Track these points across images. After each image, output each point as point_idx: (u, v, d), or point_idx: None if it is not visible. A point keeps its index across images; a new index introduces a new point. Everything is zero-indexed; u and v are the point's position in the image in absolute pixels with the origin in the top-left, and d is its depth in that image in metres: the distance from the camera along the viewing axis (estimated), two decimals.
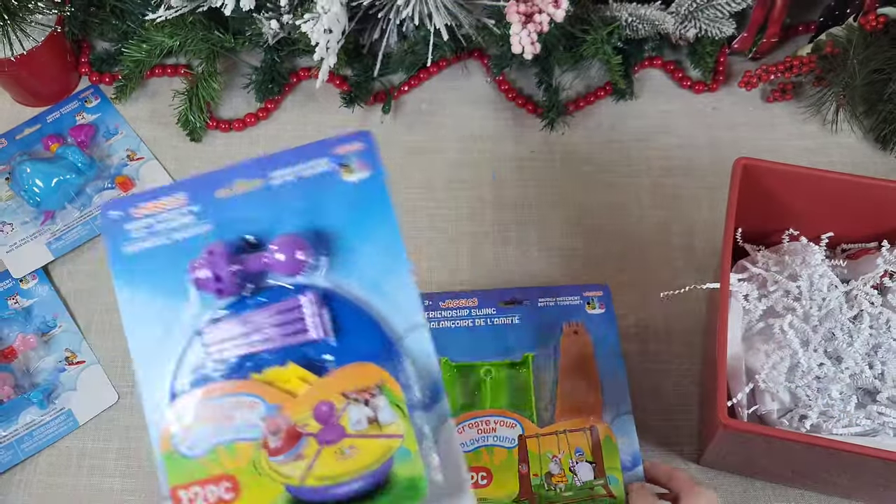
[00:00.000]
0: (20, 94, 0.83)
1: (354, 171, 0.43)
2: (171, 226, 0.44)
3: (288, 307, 0.42)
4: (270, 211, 0.43)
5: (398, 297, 0.42)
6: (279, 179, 0.43)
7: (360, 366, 0.42)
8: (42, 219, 0.77)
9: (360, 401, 0.41)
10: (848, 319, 0.61)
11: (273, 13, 0.78)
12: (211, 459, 0.41)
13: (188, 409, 0.42)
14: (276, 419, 0.41)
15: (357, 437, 0.41)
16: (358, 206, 0.43)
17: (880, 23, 0.77)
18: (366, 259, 0.42)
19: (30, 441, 0.68)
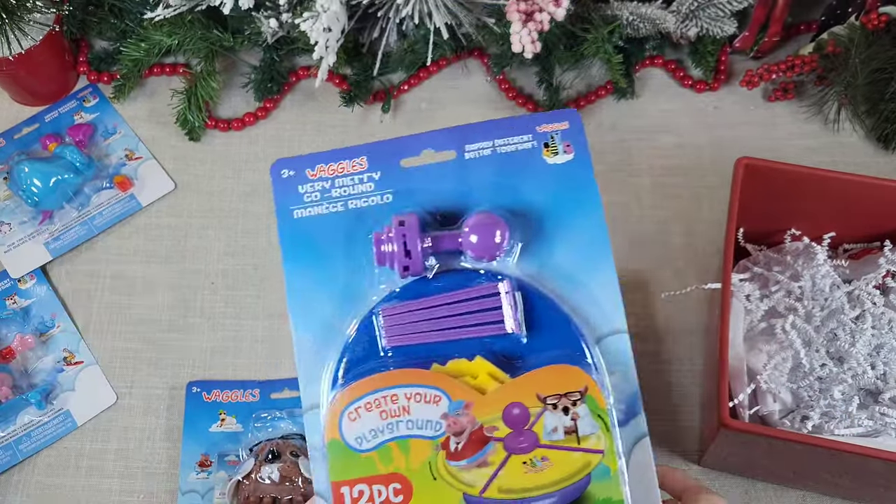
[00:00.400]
0: (18, 93, 0.83)
1: (558, 151, 0.39)
2: (348, 192, 0.40)
3: (482, 293, 0.38)
4: (462, 186, 0.39)
5: (599, 296, 0.38)
6: (474, 153, 0.39)
7: (563, 369, 0.37)
8: (40, 218, 0.76)
9: (559, 407, 0.37)
10: (850, 320, 0.61)
11: (272, 12, 0.78)
12: (382, 456, 0.37)
13: (359, 398, 0.37)
14: (460, 418, 0.37)
15: (551, 447, 0.37)
16: (560, 191, 0.39)
17: (882, 22, 0.77)
18: (565, 250, 0.38)
19: (28, 442, 0.68)
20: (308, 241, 0.40)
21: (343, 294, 0.39)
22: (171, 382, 0.70)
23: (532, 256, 0.39)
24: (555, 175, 0.39)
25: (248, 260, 0.76)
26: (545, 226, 0.39)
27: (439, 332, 0.38)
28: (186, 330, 0.73)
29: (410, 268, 0.38)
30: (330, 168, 0.40)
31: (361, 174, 0.40)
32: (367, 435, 0.37)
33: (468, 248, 0.38)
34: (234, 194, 0.79)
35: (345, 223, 0.40)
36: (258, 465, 0.63)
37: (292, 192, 0.40)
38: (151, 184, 0.79)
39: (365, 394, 0.37)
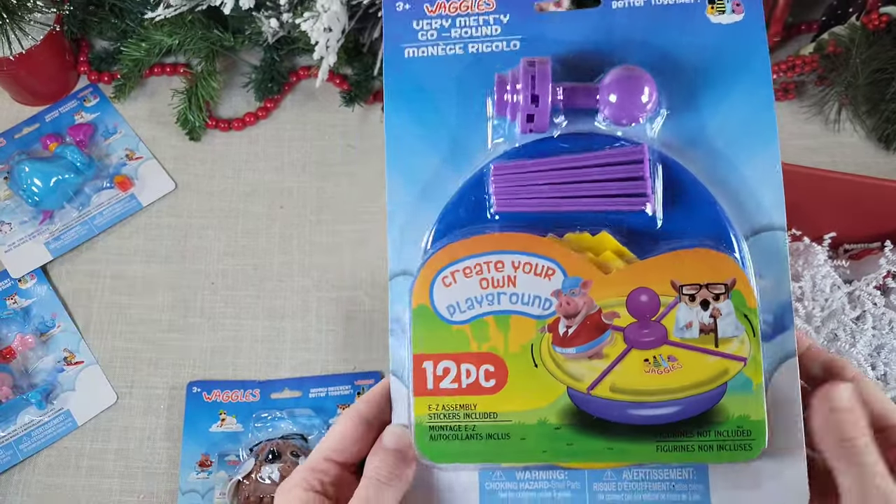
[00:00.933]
0: (19, 93, 0.82)
1: (726, 10, 0.33)
2: (470, 34, 0.34)
3: (618, 159, 0.32)
4: (605, 40, 0.34)
5: (754, 182, 0.33)
6: (624, 2, 0.34)
7: (707, 254, 0.31)
8: (41, 218, 0.76)
9: (698, 300, 0.31)
10: (851, 320, 0.61)
11: (273, 12, 0.78)
12: (476, 331, 0.32)
13: (458, 260, 0.32)
14: (575, 298, 0.31)
15: (682, 346, 0.31)
16: (722, 56, 0.33)
17: (883, 22, 0.77)
18: (720, 124, 0.33)
19: (28, 441, 0.68)
20: (417, 83, 0.34)
21: (452, 148, 0.34)
22: (172, 382, 0.70)
23: (679, 127, 0.33)
24: (718, 36, 0.33)
25: (249, 260, 0.76)
26: (698, 93, 0.33)
27: (560, 199, 0.32)
28: (186, 330, 0.73)
29: (536, 119, 0.32)
30: (452, 5, 0.35)
31: (488, 15, 0.34)
32: (463, 304, 0.32)
33: (606, 107, 0.32)
34: (235, 194, 0.79)
35: (462, 68, 0.34)
36: (258, 465, 0.63)
37: (406, 27, 0.34)
38: (152, 184, 0.79)
39: (466, 256, 0.32)
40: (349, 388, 0.69)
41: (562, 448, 0.31)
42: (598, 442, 0.31)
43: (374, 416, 0.34)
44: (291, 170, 0.80)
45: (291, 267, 0.75)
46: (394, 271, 0.34)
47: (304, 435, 0.67)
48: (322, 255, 0.76)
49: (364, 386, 0.69)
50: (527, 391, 0.31)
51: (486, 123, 0.34)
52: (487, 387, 0.32)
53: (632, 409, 0.31)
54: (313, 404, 0.68)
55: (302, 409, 0.68)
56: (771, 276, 0.32)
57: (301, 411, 0.68)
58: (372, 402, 0.34)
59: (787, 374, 0.32)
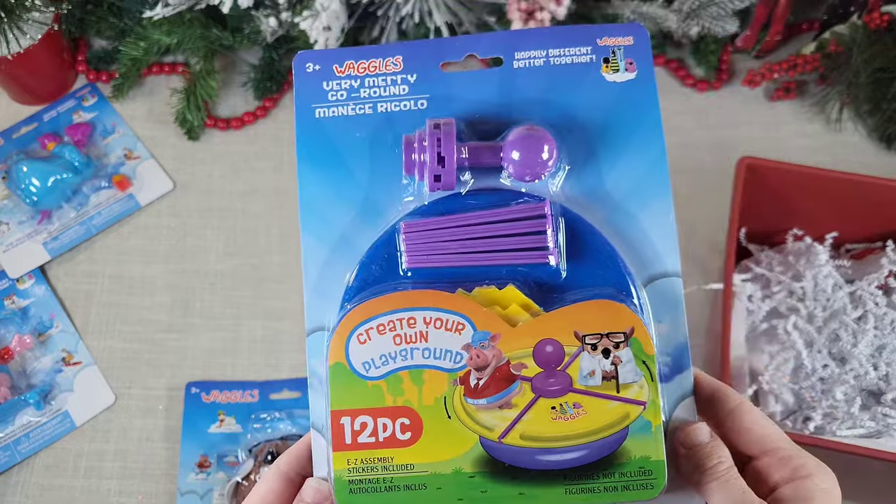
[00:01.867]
0: (17, 92, 0.82)
1: (620, 68, 0.35)
2: (379, 93, 0.35)
3: (522, 214, 0.33)
4: (507, 98, 0.35)
5: (651, 231, 0.34)
6: (524, 62, 0.35)
7: (607, 305, 0.32)
8: (39, 218, 0.76)
9: (599, 348, 0.32)
10: (852, 320, 0.60)
11: (271, 10, 0.78)
12: (391, 386, 0.33)
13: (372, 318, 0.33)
14: (485, 350, 0.32)
15: (586, 393, 0.32)
16: (617, 112, 0.34)
17: (884, 21, 0.77)
18: (617, 176, 0.34)
19: (26, 442, 0.68)
20: (328, 143, 0.35)
21: (363, 205, 0.35)
22: (170, 383, 0.70)
23: (578, 180, 0.34)
24: (613, 93, 0.35)
25: (248, 260, 0.75)
26: (596, 148, 0.34)
27: (468, 254, 0.34)
28: (185, 330, 0.72)
29: (443, 178, 0.33)
30: (360, 66, 0.35)
31: (395, 75, 0.35)
32: (378, 360, 0.33)
33: (509, 164, 0.34)
34: (234, 194, 0.79)
35: (372, 127, 0.35)
36: (257, 466, 0.63)
37: (316, 88, 0.35)
38: (150, 183, 0.78)
39: (379, 314, 0.33)
40: None
41: (476, 495, 0.32)
42: (511, 488, 0.32)
43: (296, 471, 0.34)
44: (290, 169, 0.80)
45: (290, 267, 0.75)
46: (310, 328, 0.34)
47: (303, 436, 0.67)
48: None
49: None
50: (441, 442, 0.33)
51: (398, 181, 0.35)
52: (403, 439, 0.33)
53: (541, 454, 0.32)
54: None
55: (301, 409, 0.68)
56: (668, 321, 0.34)
57: (300, 412, 0.68)
58: (293, 457, 0.35)
59: (685, 412, 0.34)
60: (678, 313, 0.34)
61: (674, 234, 0.34)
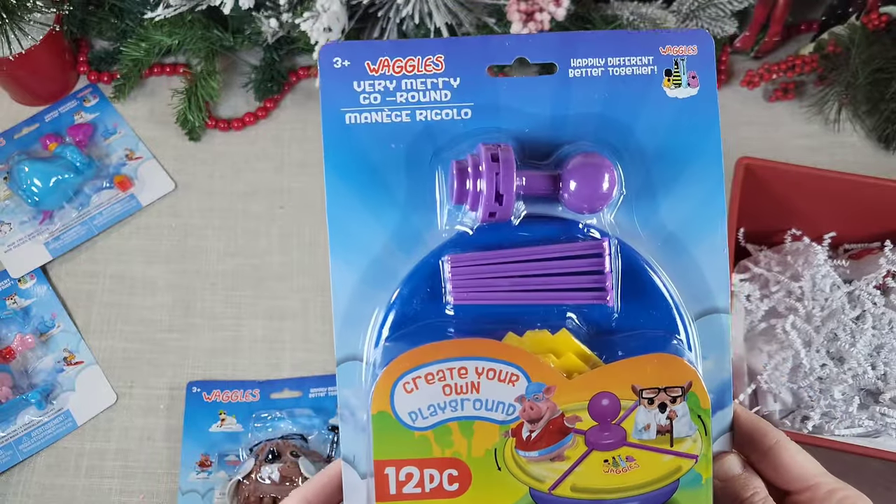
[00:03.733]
0: (18, 93, 0.82)
1: (682, 83, 0.32)
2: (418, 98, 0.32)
3: (583, 252, 0.31)
4: (560, 111, 0.32)
5: (704, 266, 0.33)
6: (580, 71, 0.32)
7: (666, 358, 0.31)
8: (40, 218, 0.76)
9: (656, 403, 0.31)
10: (850, 320, 0.61)
11: (272, 12, 0.78)
12: (439, 437, 0.31)
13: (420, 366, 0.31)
14: (539, 403, 0.31)
15: (640, 447, 0.31)
16: (677, 134, 0.32)
17: (882, 22, 0.77)
18: (672, 206, 0.32)
19: (28, 442, 0.68)
20: (361, 154, 0.32)
21: (399, 228, 0.31)
22: (171, 382, 0.70)
23: (631, 209, 0.32)
24: (674, 111, 0.32)
25: (249, 260, 0.76)
26: (653, 174, 0.32)
27: (519, 293, 0.31)
28: (186, 330, 0.73)
29: (498, 214, 0.31)
30: (397, 64, 0.32)
31: (436, 77, 0.32)
32: (425, 411, 0.31)
33: (567, 194, 0.31)
34: (235, 194, 0.79)
35: (409, 138, 0.32)
36: (258, 465, 0.63)
37: (346, 88, 0.32)
38: (151, 184, 0.79)
39: (428, 362, 0.31)
40: None
41: None
42: None
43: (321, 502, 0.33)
44: (291, 170, 0.80)
45: (291, 267, 0.75)
46: (340, 357, 0.33)
47: (303, 435, 0.67)
48: (322, 254, 0.76)
49: None
50: (490, 493, 0.31)
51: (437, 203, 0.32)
52: (451, 490, 0.31)
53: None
54: (313, 404, 0.68)
55: (302, 409, 0.68)
56: (714, 357, 0.33)
57: (301, 411, 0.68)
58: (319, 487, 0.33)
59: (722, 445, 0.33)
60: (724, 351, 0.33)
61: (726, 268, 0.32)
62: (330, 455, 0.67)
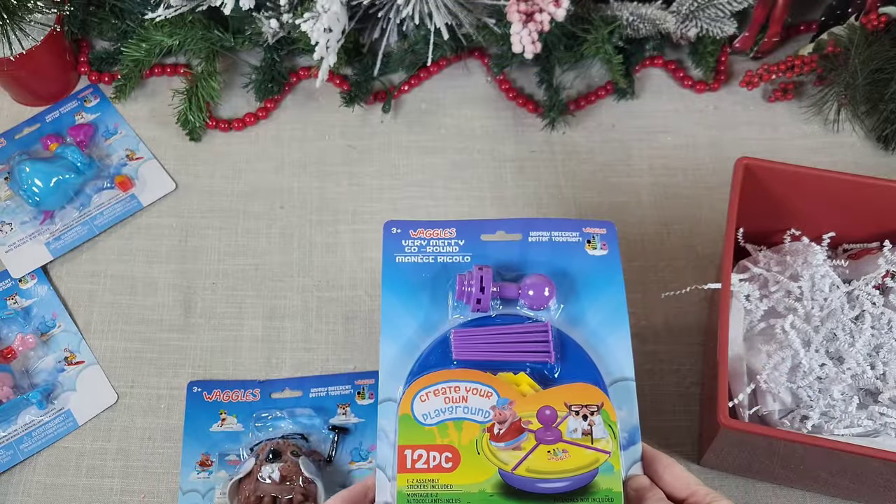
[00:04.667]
0: (19, 93, 0.83)
1: (597, 247, 0.53)
2: (438, 249, 0.53)
3: (536, 329, 0.50)
4: (524, 259, 0.53)
5: (615, 349, 0.49)
6: (535, 238, 0.53)
7: (586, 386, 0.48)
8: (41, 218, 0.77)
9: (580, 414, 0.47)
10: (850, 320, 0.61)
11: (273, 12, 0.78)
12: (440, 430, 0.47)
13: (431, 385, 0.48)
14: (505, 411, 0.48)
15: (571, 443, 0.47)
16: (595, 274, 0.51)
17: (882, 22, 0.77)
18: (594, 313, 0.51)
19: (29, 441, 0.68)
20: (404, 279, 0.52)
21: (425, 320, 0.51)
22: (172, 382, 0.71)
23: (569, 313, 0.51)
24: (592, 262, 0.51)
25: (249, 260, 0.76)
26: (581, 295, 0.51)
27: (495, 352, 0.50)
28: (187, 330, 0.73)
29: (482, 303, 0.50)
30: (428, 232, 0.54)
31: (450, 240, 0.53)
32: (432, 413, 0.48)
33: (524, 299, 0.51)
34: (235, 194, 0.79)
35: (433, 270, 0.52)
36: (259, 464, 0.63)
37: (397, 244, 0.53)
38: (152, 184, 0.79)
39: (436, 382, 0.48)
40: (349, 388, 0.69)
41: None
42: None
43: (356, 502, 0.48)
44: (291, 170, 0.80)
45: (291, 267, 0.75)
46: (382, 398, 0.49)
47: (304, 434, 0.67)
48: (322, 255, 0.76)
49: (364, 385, 0.69)
50: (472, 470, 0.47)
51: (449, 305, 0.52)
52: (447, 467, 0.47)
53: (540, 483, 0.46)
54: (313, 404, 0.69)
55: (302, 408, 0.68)
56: (626, 409, 0.48)
57: (301, 411, 0.68)
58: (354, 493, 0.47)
59: (636, 470, 0.48)
60: (633, 404, 0.48)
61: (629, 350, 0.49)
62: (331, 454, 0.67)
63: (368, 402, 0.69)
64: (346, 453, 0.67)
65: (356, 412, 0.68)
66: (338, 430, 0.68)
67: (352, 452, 0.67)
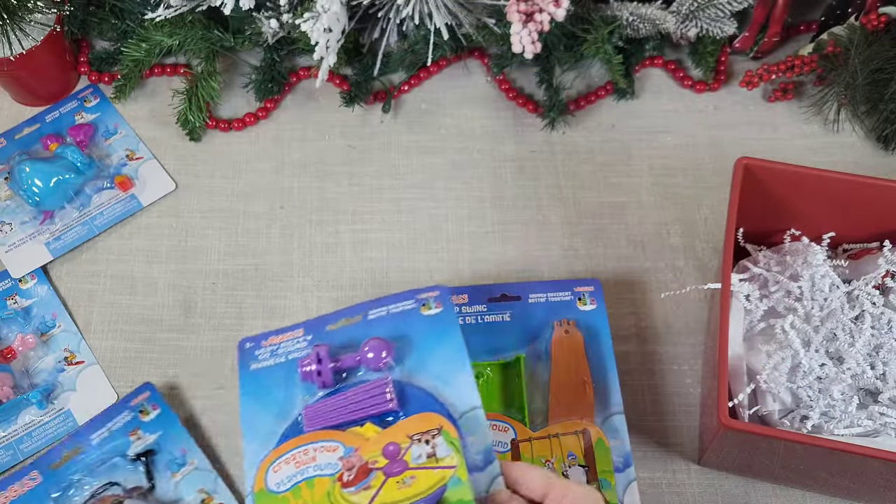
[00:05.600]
0: (19, 93, 0.83)
1: (432, 308, 0.56)
2: (289, 349, 0.57)
3: (377, 384, 0.53)
4: (366, 334, 0.56)
5: (460, 385, 0.52)
6: (375, 315, 0.57)
7: (424, 415, 0.51)
8: (41, 218, 0.76)
9: (422, 441, 0.50)
10: (849, 320, 0.61)
11: (273, 12, 0.78)
12: (294, 494, 0.50)
13: (281, 456, 0.52)
14: (351, 458, 0.50)
15: (417, 468, 0.49)
16: (432, 330, 0.55)
17: (882, 22, 0.77)
18: (435, 361, 0.54)
19: (29, 441, 0.68)
20: (259, 382, 0.56)
21: (280, 411, 0.55)
22: (172, 382, 0.71)
23: (412, 368, 0.54)
24: (427, 321, 0.55)
25: (249, 260, 0.76)
26: (420, 349, 0.54)
27: (344, 415, 0.53)
28: (187, 330, 0.73)
29: (323, 376, 0.54)
30: (278, 338, 0.58)
31: (298, 339, 0.57)
32: (285, 480, 0.50)
33: (364, 363, 0.54)
34: (235, 194, 0.79)
35: (284, 370, 0.56)
36: None
37: (252, 355, 0.57)
38: (152, 184, 0.79)
39: (286, 452, 0.51)
40: (130, 414, 0.67)
41: None
42: None
43: None
44: (291, 170, 0.80)
45: (291, 267, 0.75)
46: (248, 492, 0.52)
47: (111, 481, 0.64)
48: (322, 255, 0.76)
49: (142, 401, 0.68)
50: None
51: (300, 391, 0.55)
52: None
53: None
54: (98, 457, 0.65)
55: (92, 464, 0.65)
56: (476, 435, 0.50)
57: (94, 467, 0.64)
58: None
59: (499, 485, 0.49)
60: (483, 431, 0.50)
61: (473, 383, 0.52)
62: (151, 482, 0.64)
63: (153, 413, 0.67)
64: (164, 471, 0.65)
65: (147, 430, 0.66)
66: (142, 455, 0.65)
67: (169, 466, 0.65)
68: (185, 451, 0.65)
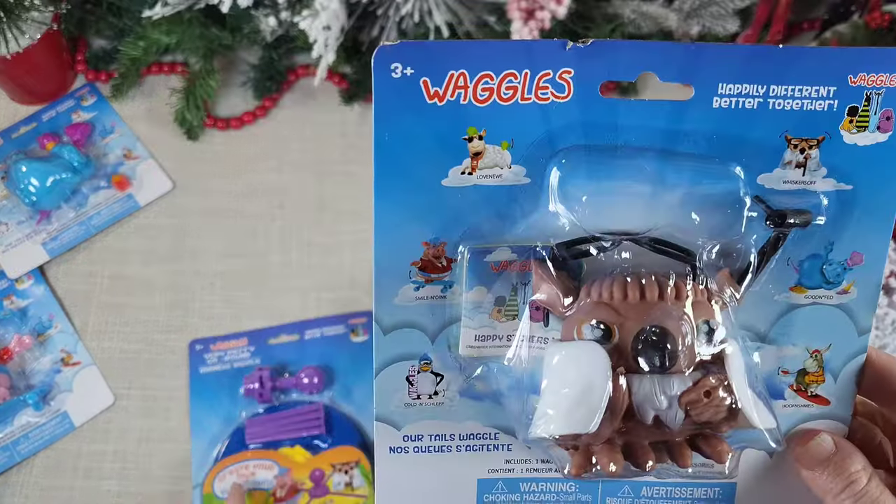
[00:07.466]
0: (15, 92, 0.82)
1: (360, 335, 0.68)
2: (234, 357, 0.68)
3: (311, 410, 0.66)
4: (301, 354, 0.68)
5: None
6: (309, 336, 0.69)
7: (346, 448, 0.64)
8: (38, 218, 0.76)
9: (342, 470, 0.64)
10: None
11: (271, 10, 0.78)
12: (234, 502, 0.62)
13: (225, 468, 0.64)
14: (283, 477, 0.64)
15: (336, 494, 0.63)
16: (359, 358, 0.66)
17: (885, 20, 0.77)
18: (359, 391, 0.66)
19: (25, 443, 0.68)
20: (206, 386, 0.68)
21: (226, 416, 0.66)
22: (170, 383, 0.70)
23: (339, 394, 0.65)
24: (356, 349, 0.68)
25: (248, 260, 0.75)
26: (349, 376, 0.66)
27: (280, 432, 0.65)
28: (185, 330, 0.72)
29: (264, 396, 0.66)
30: (225, 345, 0.69)
31: (242, 349, 0.69)
32: (227, 488, 0.64)
33: (300, 387, 0.67)
34: (233, 194, 0.78)
35: (229, 377, 0.67)
36: None
37: (201, 359, 0.68)
38: (150, 183, 0.78)
39: (229, 465, 0.64)
40: None
41: None
42: None
43: None
44: (291, 169, 0.80)
45: (291, 267, 0.75)
46: (195, 484, 0.64)
47: None
48: (322, 255, 0.76)
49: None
50: None
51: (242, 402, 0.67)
52: None
53: None
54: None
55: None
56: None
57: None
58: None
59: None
60: None
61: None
62: None
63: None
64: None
65: None
66: None
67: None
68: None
